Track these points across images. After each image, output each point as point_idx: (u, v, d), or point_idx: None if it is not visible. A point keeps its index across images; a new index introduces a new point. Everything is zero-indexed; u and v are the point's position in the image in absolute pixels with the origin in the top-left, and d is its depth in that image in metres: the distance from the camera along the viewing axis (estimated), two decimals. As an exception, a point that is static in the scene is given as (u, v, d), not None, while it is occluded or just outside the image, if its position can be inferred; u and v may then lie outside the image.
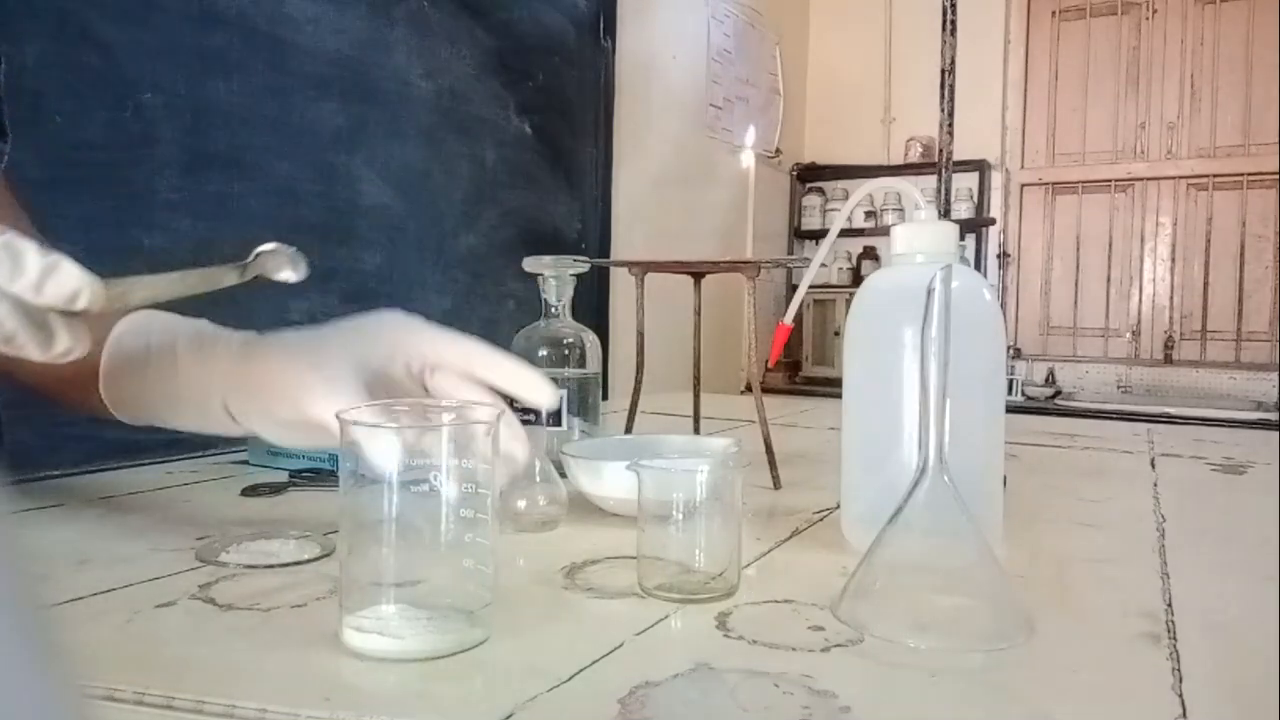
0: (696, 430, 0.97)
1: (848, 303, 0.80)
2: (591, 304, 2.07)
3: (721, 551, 0.53)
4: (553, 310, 0.86)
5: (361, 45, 1.39)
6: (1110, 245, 3.56)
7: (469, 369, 0.55)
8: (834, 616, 0.48)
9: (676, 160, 2.71)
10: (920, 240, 0.62)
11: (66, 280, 0.39)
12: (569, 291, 0.87)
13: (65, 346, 0.40)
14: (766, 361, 2.49)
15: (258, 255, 0.49)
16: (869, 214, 3.59)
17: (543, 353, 0.84)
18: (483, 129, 1.68)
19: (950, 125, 1.44)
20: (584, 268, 0.88)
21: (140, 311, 0.57)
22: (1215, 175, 3.40)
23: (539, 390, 0.55)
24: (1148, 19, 3.50)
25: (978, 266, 3.24)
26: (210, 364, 0.55)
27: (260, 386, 0.54)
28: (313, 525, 0.67)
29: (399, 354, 0.54)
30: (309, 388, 0.51)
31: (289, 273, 0.49)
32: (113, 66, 1.02)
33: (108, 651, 0.43)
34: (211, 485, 0.84)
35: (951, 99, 1.46)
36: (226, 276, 0.48)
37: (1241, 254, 3.38)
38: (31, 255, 0.38)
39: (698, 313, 0.93)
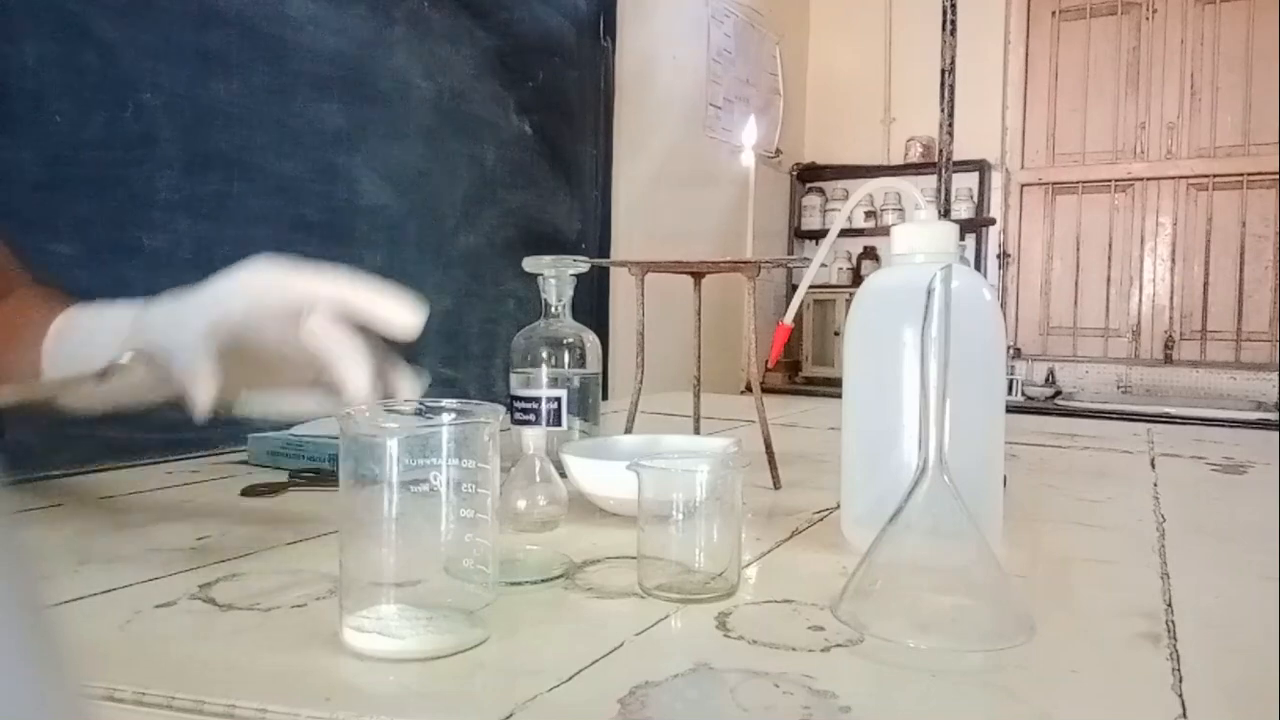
0: (696, 430, 0.97)
1: (848, 303, 0.80)
2: (591, 304, 2.07)
3: (721, 551, 0.53)
4: (553, 310, 0.86)
5: (361, 45, 1.38)
6: (1110, 245, 3.56)
7: (333, 306, 0.54)
8: (834, 616, 0.48)
9: (676, 160, 2.71)
10: (920, 240, 0.62)
11: None
12: (569, 291, 0.87)
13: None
14: (766, 361, 2.48)
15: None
16: (869, 214, 3.59)
17: (543, 353, 0.84)
18: (483, 129, 1.68)
19: (950, 125, 1.44)
20: (584, 268, 0.88)
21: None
22: (1215, 175, 3.40)
23: (398, 316, 0.54)
24: (1148, 19, 3.50)
25: (978, 266, 3.25)
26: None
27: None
28: (313, 525, 0.67)
29: (259, 311, 0.54)
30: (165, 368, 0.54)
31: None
32: (113, 66, 1.02)
33: (108, 651, 0.43)
34: (211, 485, 0.84)
35: (951, 99, 1.46)
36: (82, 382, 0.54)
37: (1241, 254, 3.38)
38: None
39: (698, 313, 0.93)
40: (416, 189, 1.49)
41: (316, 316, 0.53)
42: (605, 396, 1.28)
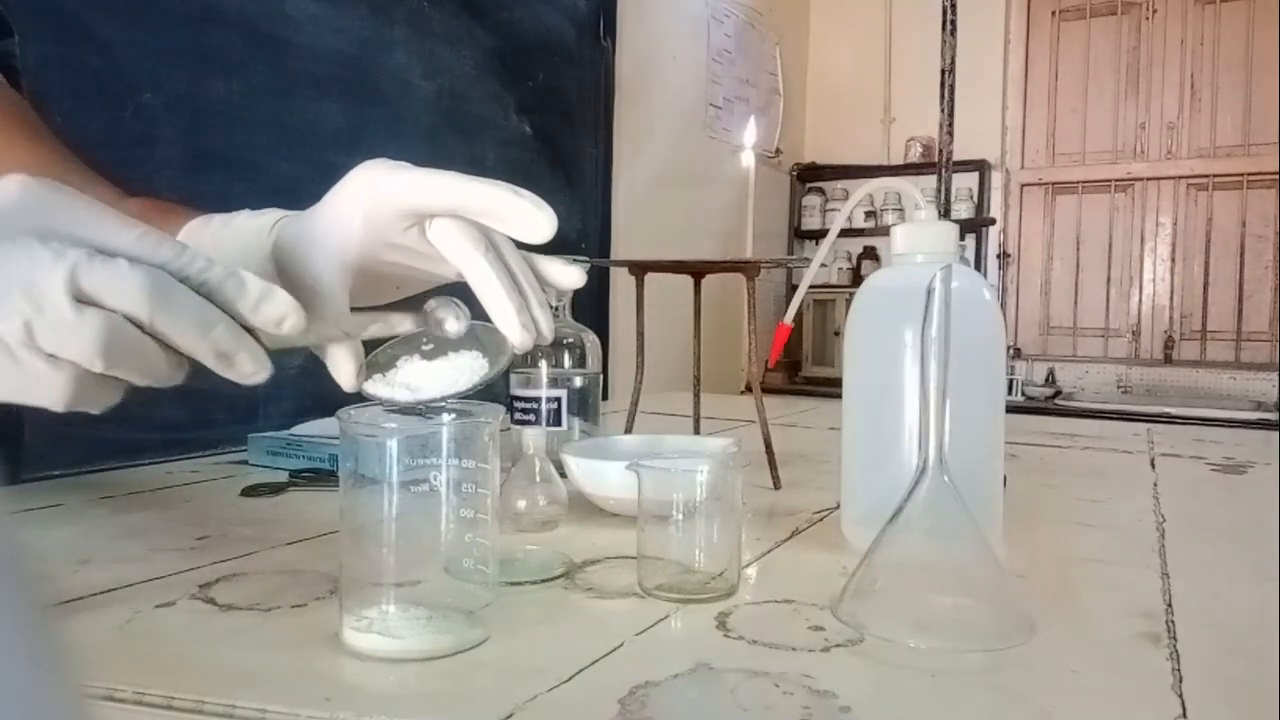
0: (696, 430, 0.97)
1: (848, 303, 0.80)
2: (591, 304, 2.07)
3: (721, 551, 0.53)
4: (553, 310, 0.86)
5: (362, 45, 1.38)
6: (1110, 245, 3.56)
7: (459, 211, 0.49)
8: (834, 616, 0.48)
9: (676, 160, 2.71)
10: (920, 240, 0.62)
11: (279, 304, 0.42)
12: (569, 292, 0.87)
13: (252, 369, 0.42)
14: (766, 361, 2.49)
15: (433, 305, 0.49)
16: (869, 214, 3.59)
17: (543, 353, 0.84)
18: (483, 129, 1.68)
19: (950, 125, 1.44)
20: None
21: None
22: (1215, 175, 3.40)
23: (535, 222, 0.47)
24: (1148, 19, 3.50)
25: (978, 266, 3.24)
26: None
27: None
28: (313, 525, 0.67)
29: (380, 235, 0.49)
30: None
31: (453, 324, 0.49)
32: (113, 66, 1.02)
33: (108, 651, 0.43)
34: (211, 485, 0.84)
35: (951, 99, 1.46)
36: (403, 323, 0.49)
37: (1241, 254, 3.38)
38: (252, 280, 0.42)
39: (698, 313, 0.93)
40: (416, 189, 1.49)
41: (439, 227, 0.49)
42: (605, 396, 1.28)
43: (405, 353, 0.49)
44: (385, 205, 0.49)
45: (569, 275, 0.54)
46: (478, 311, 0.50)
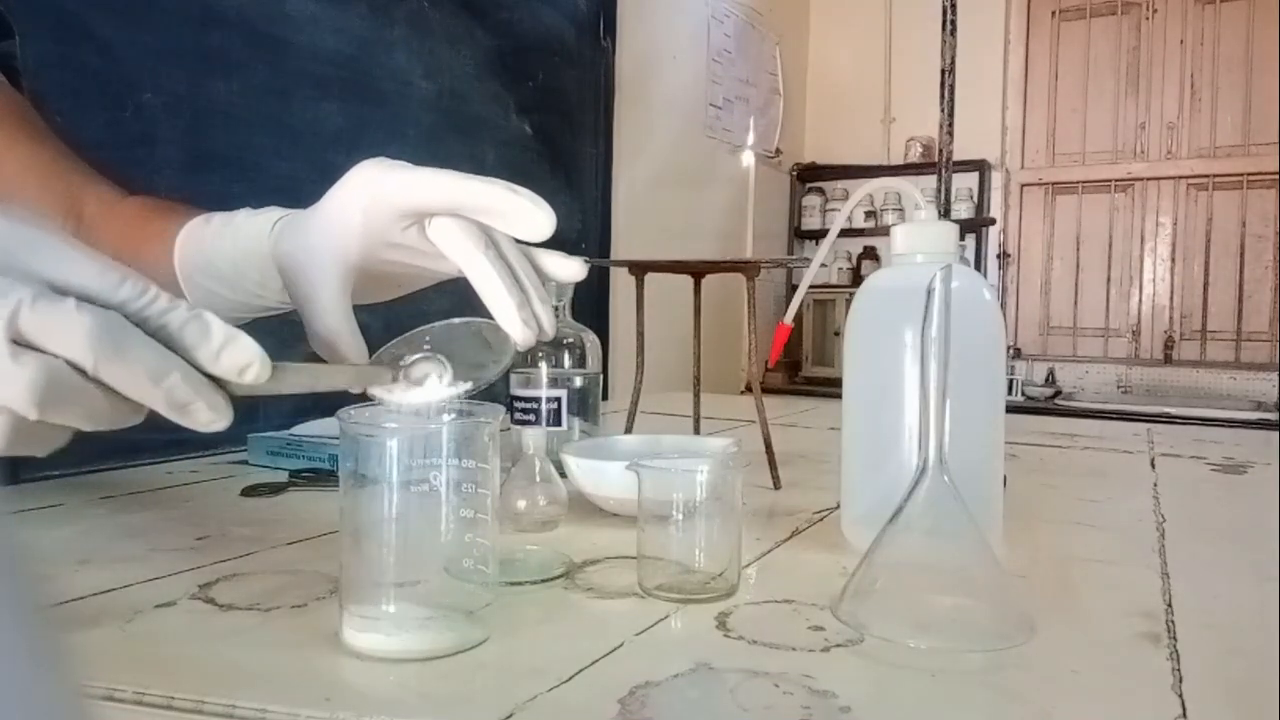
0: (696, 430, 0.97)
1: (848, 303, 0.80)
2: (591, 304, 2.07)
3: (721, 551, 0.53)
4: (553, 310, 0.86)
5: (361, 45, 1.38)
6: (1110, 245, 3.56)
7: (458, 210, 0.49)
8: (834, 616, 0.48)
9: (676, 160, 2.71)
10: (920, 240, 0.62)
11: (243, 352, 0.40)
12: (569, 292, 0.87)
13: (209, 419, 0.40)
14: (766, 361, 2.47)
15: (413, 362, 0.49)
16: (869, 214, 3.59)
17: (543, 353, 0.84)
18: (483, 129, 1.68)
19: (950, 125, 1.44)
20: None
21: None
22: (1215, 175, 3.40)
23: (533, 220, 0.47)
24: (1148, 19, 3.50)
25: (978, 266, 3.24)
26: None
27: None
28: (313, 525, 0.67)
29: (380, 235, 0.49)
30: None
31: (435, 385, 0.49)
32: (113, 66, 1.02)
33: (108, 651, 0.43)
34: (211, 485, 0.84)
35: (951, 99, 1.46)
36: (380, 376, 0.48)
37: (1241, 254, 3.38)
38: (216, 324, 0.40)
39: (698, 313, 0.93)
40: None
41: (438, 225, 0.49)
42: (605, 396, 1.28)
43: (409, 352, 0.49)
44: (384, 205, 0.48)
45: (568, 268, 0.53)
46: (479, 310, 0.50)
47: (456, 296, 0.51)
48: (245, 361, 0.40)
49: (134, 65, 1.05)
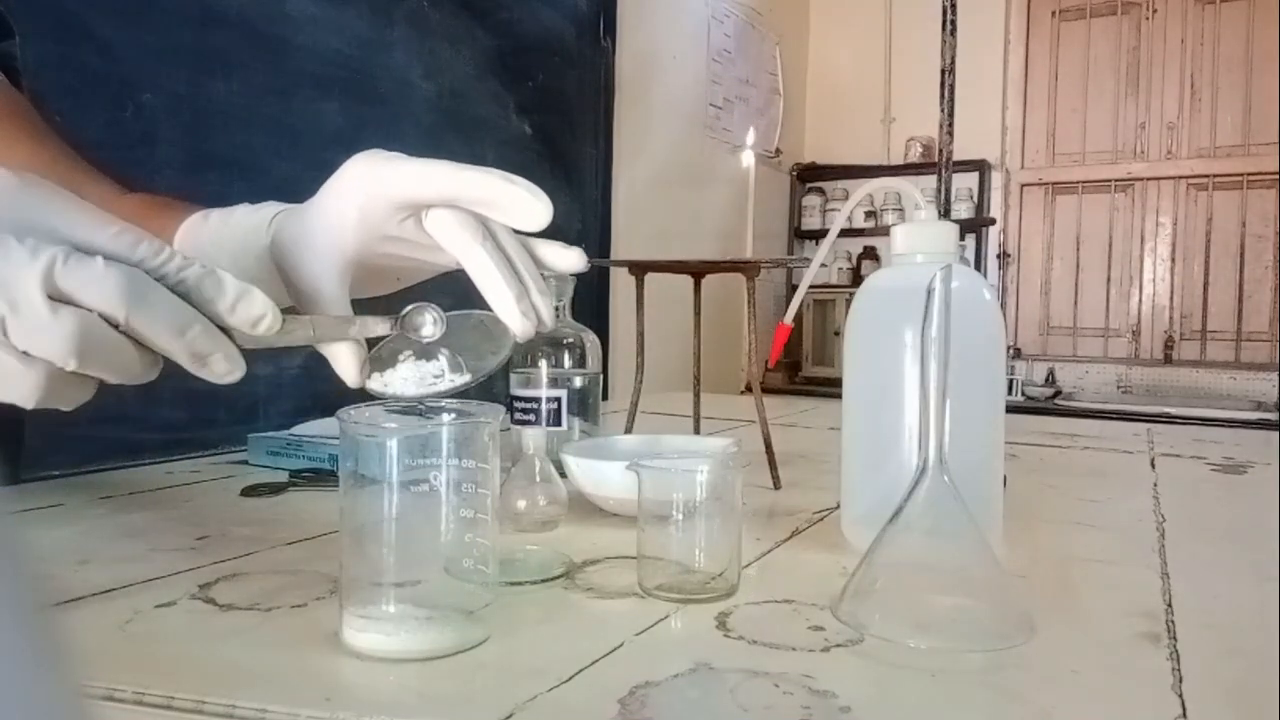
0: (696, 430, 0.97)
1: (848, 303, 0.80)
2: (591, 304, 2.07)
3: (721, 551, 0.53)
4: (552, 303, 0.86)
5: (362, 45, 1.39)
6: (1110, 245, 3.56)
7: (455, 201, 0.49)
8: (834, 616, 0.48)
9: (676, 160, 2.71)
10: (920, 240, 0.62)
11: (256, 305, 0.41)
12: (569, 291, 0.87)
13: (226, 370, 0.42)
14: (766, 361, 2.47)
15: (409, 311, 0.49)
16: (869, 214, 3.59)
17: (542, 353, 0.84)
18: (483, 129, 1.68)
19: (950, 125, 1.44)
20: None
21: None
22: (1215, 175, 3.40)
23: (530, 209, 0.48)
24: (1148, 19, 3.50)
25: (978, 266, 3.25)
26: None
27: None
28: (313, 525, 0.67)
29: (376, 228, 0.49)
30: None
31: (430, 329, 0.49)
32: (113, 66, 1.02)
33: (108, 651, 0.43)
34: (211, 485, 0.84)
35: (951, 99, 1.46)
36: (379, 326, 0.49)
37: (1241, 254, 3.38)
38: (229, 279, 0.41)
39: (698, 313, 0.93)
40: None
41: (435, 217, 0.49)
42: (605, 396, 1.28)
43: (407, 348, 0.49)
44: (380, 198, 0.48)
45: (567, 258, 0.53)
46: (477, 302, 0.50)
47: (457, 291, 0.51)
48: (259, 313, 0.41)
49: (134, 65, 1.05)
